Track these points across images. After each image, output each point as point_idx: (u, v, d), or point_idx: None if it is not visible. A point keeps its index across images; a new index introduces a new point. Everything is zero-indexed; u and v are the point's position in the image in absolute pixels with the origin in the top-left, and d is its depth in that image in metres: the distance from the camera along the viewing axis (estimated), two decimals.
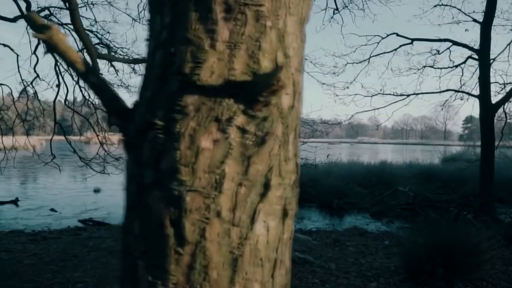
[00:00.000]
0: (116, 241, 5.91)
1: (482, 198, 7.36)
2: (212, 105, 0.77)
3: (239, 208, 0.79)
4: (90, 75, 0.85)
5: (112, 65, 7.92)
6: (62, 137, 8.83)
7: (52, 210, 9.36)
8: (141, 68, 8.99)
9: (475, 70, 7.62)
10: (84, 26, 9.06)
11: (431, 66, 9.23)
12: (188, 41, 0.79)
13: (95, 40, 8.69)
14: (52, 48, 0.85)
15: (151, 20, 0.88)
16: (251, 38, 0.80)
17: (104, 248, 5.55)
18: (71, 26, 9.36)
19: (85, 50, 5.44)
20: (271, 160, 0.82)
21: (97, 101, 9.47)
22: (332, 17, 9.66)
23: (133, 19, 7.68)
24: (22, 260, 5.12)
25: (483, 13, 7.85)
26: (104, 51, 8.29)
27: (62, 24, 9.25)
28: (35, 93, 9.90)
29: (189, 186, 0.76)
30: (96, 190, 12.32)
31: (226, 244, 0.79)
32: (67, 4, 8.71)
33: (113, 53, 7.09)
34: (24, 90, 10.01)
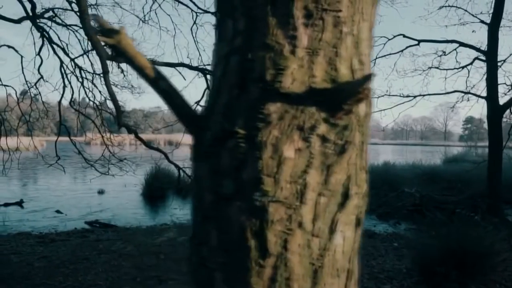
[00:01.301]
0: (126, 244, 5.89)
1: (490, 199, 7.35)
2: (295, 113, 0.75)
3: (319, 219, 0.78)
4: (160, 81, 0.83)
5: (119, 67, 7.90)
6: (62, 138, 8.78)
7: (58, 211, 9.32)
8: None
9: (484, 73, 7.60)
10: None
11: (437, 67, 9.23)
12: (267, 47, 0.77)
13: None
14: (120, 53, 0.83)
15: (221, 25, 0.86)
16: (328, 45, 0.79)
17: (114, 251, 5.52)
18: (75, 27, 9.38)
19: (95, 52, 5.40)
20: (350, 169, 0.81)
21: (102, 102, 9.42)
22: None
23: (140, 19, 7.66)
24: (32, 263, 5.09)
25: (489, 14, 7.85)
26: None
27: (66, 25, 9.23)
28: (39, 94, 9.88)
29: (271, 197, 0.74)
30: (100, 192, 12.28)
31: (307, 255, 0.77)
32: (72, 6, 8.71)
33: None
34: (26, 92, 9.99)
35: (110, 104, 9.40)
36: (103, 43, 0.82)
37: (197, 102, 8.05)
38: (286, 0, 0.77)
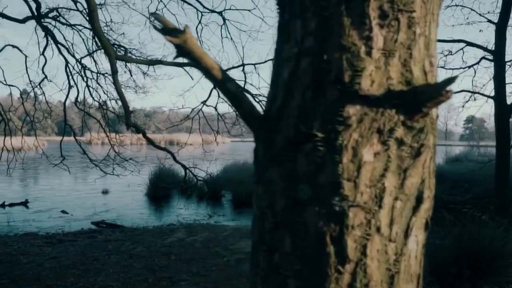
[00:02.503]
0: (135, 244, 5.87)
1: (498, 199, 7.33)
2: (375, 116, 0.73)
3: (395, 223, 0.76)
4: (227, 83, 0.82)
5: (126, 66, 7.87)
6: (62, 138, 8.73)
7: (63, 212, 9.30)
8: (155, 69, 8.93)
9: (494, 74, 7.57)
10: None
11: (443, 67, 9.21)
12: (343, 48, 0.75)
13: None
14: (186, 53, 0.81)
15: (287, 25, 0.84)
16: (403, 46, 0.77)
17: (123, 252, 5.50)
18: (79, 27, 9.36)
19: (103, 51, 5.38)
20: (424, 173, 0.79)
21: (113, 103, 9.38)
22: None
23: (148, 18, 7.62)
24: (42, 264, 5.07)
25: (495, 13, 7.83)
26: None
27: (71, 25, 9.21)
28: (43, 94, 9.86)
29: (351, 201, 0.72)
30: (105, 192, 12.26)
31: (384, 261, 0.75)
32: (77, 6, 8.69)
33: (130, 55, 7.04)
34: (28, 92, 9.97)
35: (113, 103, 9.41)
36: (170, 43, 0.80)
37: (204, 102, 8.05)
38: (361, 0, 0.76)
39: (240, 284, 4.28)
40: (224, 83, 0.82)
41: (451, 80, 0.72)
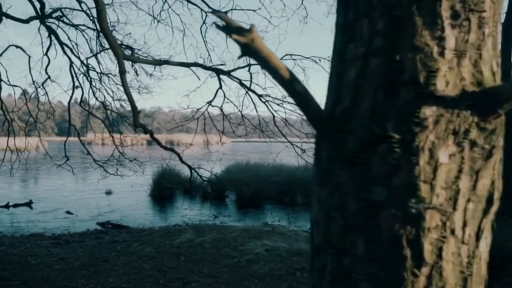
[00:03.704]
0: (144, 245, 5.85)
1: (504, 199, 7.33)
2: (450, 117, 0.72)
3: (468, 225, 0.76)
4: (295, 83, 0.81)
5: (133, 65, 7.84)
6: (62, 138, 8.68)
7: (68, 212, 9.27)
8: (161, 70, 8.89)
9: (500, 74, 7.57)
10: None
11: None
12: (416, 48, 0.74)
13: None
14: (252, 52, 0.80)
15: (353, 25, 0.83)
16: (473, 46, 0.77)
17: (132, 253, 5.49)
18: (83, 27, 9.33)
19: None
20: (494, 174, 0.78)
21: (117, 103, 9.36)
22: None
23: (154, 18, 7.59)
24: (51, 265, 5.05)
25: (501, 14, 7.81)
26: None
27: (74, 25, 9.19)
28: (46, 94, 9.82)
29: (427, 204, 0.72)
30: (108, 192, 12.23)
31: (457, 263, 0.75)
32: (81, 6, 8.66)
33: (136, 55, 7.02)
34: (28, 92, 9.94)
35: (116, 104, 9.38)
36: (236, 42, 0.79)
37: (209, 102, 8.03)
38: (433, 0, 0.75)
39: (251, 285, 4.27)
40: (291, 83, 0.81)
41: None
